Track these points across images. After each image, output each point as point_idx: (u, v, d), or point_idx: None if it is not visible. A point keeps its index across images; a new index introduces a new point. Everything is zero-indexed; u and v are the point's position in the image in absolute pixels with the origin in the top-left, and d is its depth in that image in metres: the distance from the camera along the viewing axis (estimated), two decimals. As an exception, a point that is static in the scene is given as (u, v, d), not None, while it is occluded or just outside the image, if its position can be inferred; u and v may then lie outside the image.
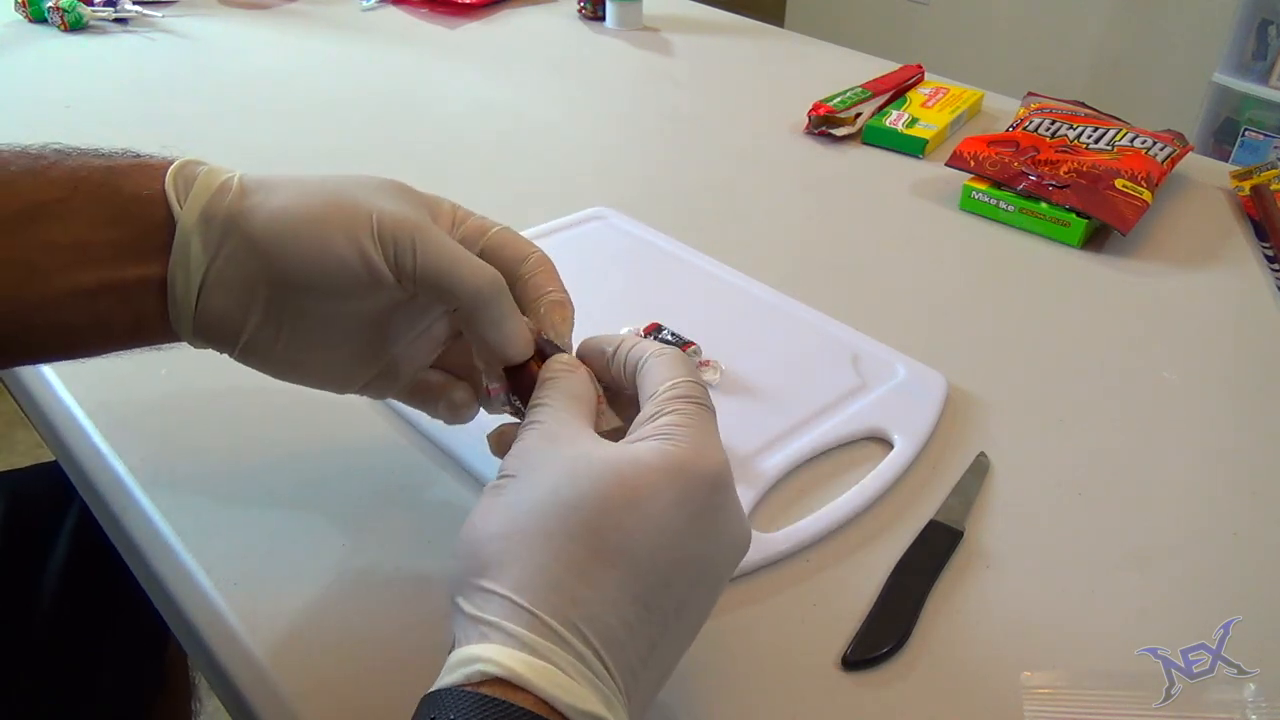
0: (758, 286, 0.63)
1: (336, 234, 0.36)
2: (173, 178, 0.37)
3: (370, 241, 0.36)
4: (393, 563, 0.43)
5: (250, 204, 0.36)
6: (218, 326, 0.37)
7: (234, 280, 0.36)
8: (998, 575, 0.44)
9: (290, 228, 0.36)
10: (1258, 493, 0.51)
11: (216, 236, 0.36)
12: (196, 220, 0.36)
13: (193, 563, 0.43)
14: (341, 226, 0.36)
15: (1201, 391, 0.58)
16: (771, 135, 0.90)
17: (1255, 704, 0.38)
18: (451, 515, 0.46)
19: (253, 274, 0.36)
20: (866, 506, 0.47)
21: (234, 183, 0.37)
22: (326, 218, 0.36)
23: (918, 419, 0.52)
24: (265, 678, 0.38)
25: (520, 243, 0.41)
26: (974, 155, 0.78)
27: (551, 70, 1.05)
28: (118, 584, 0.65)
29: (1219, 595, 0.44)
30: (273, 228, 0.36)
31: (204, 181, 0.37)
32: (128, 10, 1.10)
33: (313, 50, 1.07)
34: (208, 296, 0.37)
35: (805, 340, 0.59)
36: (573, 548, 0.29)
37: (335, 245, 0.36)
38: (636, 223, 0.70)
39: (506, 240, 0.40)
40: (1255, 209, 0.78)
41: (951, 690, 0.39)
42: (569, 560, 0.29)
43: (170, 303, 0.37)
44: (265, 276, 0.36)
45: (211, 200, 0.36)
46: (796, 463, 0.49)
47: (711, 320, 0.59)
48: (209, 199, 0.36)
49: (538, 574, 0.29)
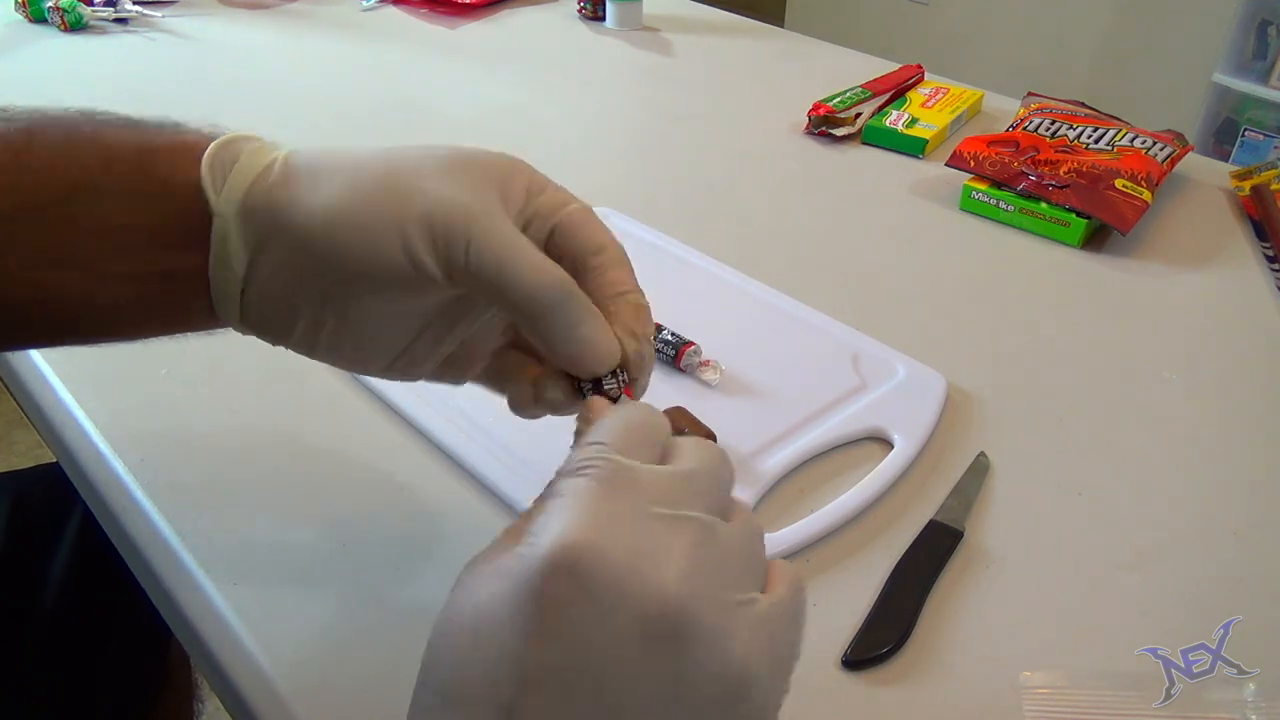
0: (757, 286, 0.64)
1: (383, 231, 0.32)
2: (209, 163, 0.34)
3: (419, 237, 0.32)
4: (393, 562, 0.43)
5: (293, 195, 0.33)
6: (265, 323, 0.35)
7: (277, 279, 0.34)
8: (998, 575, 0.45)
9: (334, 226, 0.33)
10: (1258, 493, 0.51)
11: (256, 233, 0.33)
12: (235, 213, 0.33)
13: (193, 563, 0.43)
14: (389, 221, 0.32)
15: (1201, 391, 0.58)
16: (771, 135, 0.90)
17: (1255, 704, 0.38)
18: (451, 516, 0.46)
19: (297, 273, 0.34)
20: (866, 506, 0.47)
21: (276, 166, 0.34)
22: (373, 212, 0.33)
23: (918, 419, 0.52)
24: (265, 678, 0.38)
25: (596, 228, 0.36)
26: (974, 155, 0.78)
27: (551, 70, 1.05)
28: (120, 585, 0.65)
29: (1219, 595, 0.44)
30: (315, 225, 0.33)
31: (244, 166, 0.34)
32: (128, 10, 1.10)
33: (313, 50, 1.08)
34: (251, 294, 0.34)
35: (805, 340, 0.59)
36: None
37: (381, 244, 0.32)
38: (636, 223, 0.70)
39: (581, 223, 0.35)
40: (1255, 209, 0.78)
41: (951, 690, 0.39)
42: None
43: (214, 297, 0.35)
44: (311, 275, 0.34)
45: (251, 190, 0.33)
46: (796, 463, 0.49)
47: (711, 320, 0.59)
48: (248, 189, 0.33)
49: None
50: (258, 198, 0.33)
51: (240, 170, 0.33)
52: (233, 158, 0.34)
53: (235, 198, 0.33)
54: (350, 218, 0.33)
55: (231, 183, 0.33)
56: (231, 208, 0.33)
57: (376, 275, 0.33)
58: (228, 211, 0.33)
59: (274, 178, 0.33)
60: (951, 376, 0.56)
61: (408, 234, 0.32)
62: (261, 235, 0.33)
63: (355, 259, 0.33)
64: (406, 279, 0.33)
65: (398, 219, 0.32)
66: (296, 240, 0.33)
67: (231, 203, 0.33)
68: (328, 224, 0.33)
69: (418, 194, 0.33)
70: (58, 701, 0.65)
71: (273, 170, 0.34)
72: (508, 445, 0.49)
